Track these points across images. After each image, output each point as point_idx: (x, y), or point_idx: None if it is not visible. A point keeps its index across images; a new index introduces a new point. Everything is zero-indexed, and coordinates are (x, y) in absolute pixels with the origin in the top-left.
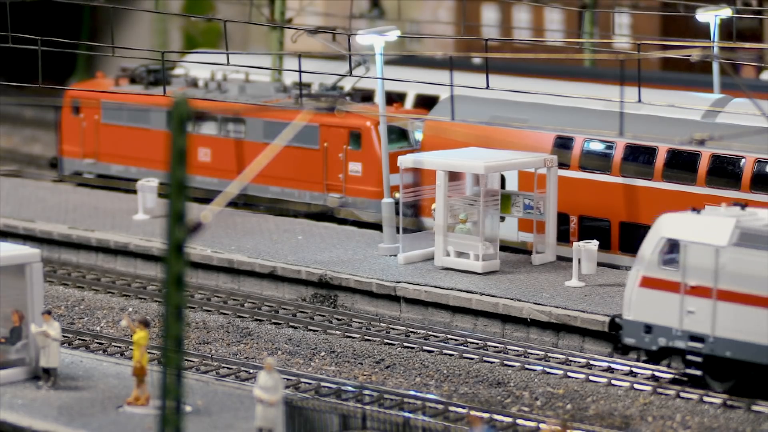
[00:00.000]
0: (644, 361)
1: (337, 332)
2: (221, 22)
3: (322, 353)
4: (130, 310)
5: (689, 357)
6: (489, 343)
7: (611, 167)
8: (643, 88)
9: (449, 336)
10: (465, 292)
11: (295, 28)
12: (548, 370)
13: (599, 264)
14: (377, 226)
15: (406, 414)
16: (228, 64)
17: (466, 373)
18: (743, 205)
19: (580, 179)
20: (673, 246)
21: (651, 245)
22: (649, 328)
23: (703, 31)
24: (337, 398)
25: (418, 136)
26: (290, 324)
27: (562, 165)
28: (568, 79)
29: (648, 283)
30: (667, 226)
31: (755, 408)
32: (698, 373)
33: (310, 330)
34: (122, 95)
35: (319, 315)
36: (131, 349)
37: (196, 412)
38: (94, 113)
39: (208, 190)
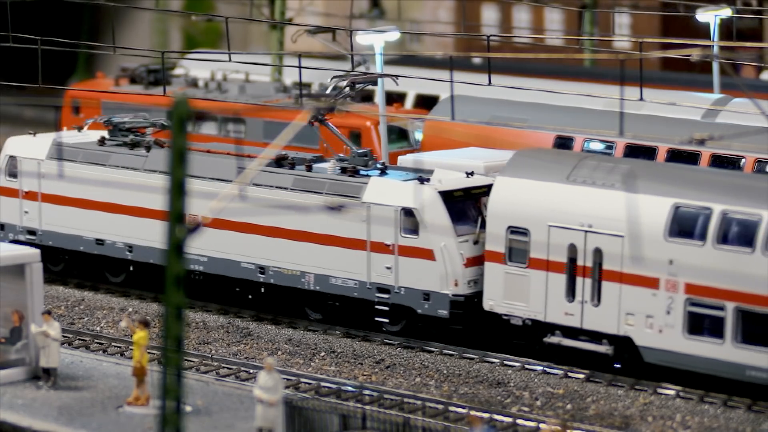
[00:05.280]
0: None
1: (337, 332)
2: (223, 20)
3: (322, 353)
4: (130, 310)
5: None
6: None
7: None
8: (643, 88)
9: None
10: None
11: (299, 26)
12: (548, 370)
13: None
14: None
15: (406, 414)
16: (230, 60)
17: (466, 373)
18: (80, 127)
19: None
20: (13, 161)
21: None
22: (2, 226)
23: (703, 31)
24: (337, 398)
25: (418, 136)
26: (290, 324)
27: None
28: (568, 79)
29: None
30: (10, 146)
31: (755, 408)
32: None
33: (310, 330)
34: (122, 95)
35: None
36: (131, 349)
37: (196, 412)
38: (94, 113)
39: None
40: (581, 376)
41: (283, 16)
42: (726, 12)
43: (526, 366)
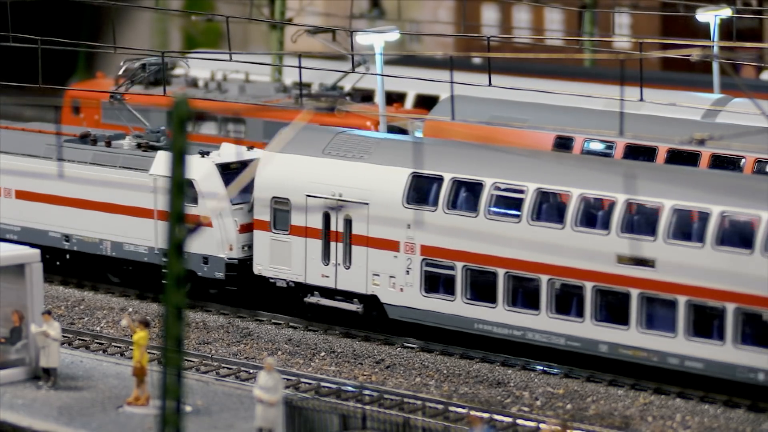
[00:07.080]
0: None
1: (337, 332)
2: (223, 20)
3: (322, 353)
4: (131, 310)
5: None
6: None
7: None
8: (643, 88)
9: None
10: None
11: (299, 26)
12: (548, 370)
13: None
14: None
15: (406, 414)
16: (230, 60)
17: (466, 373)
18: None
19: None
20: None
21: None
22: None
23: (703, 31)
24: (337, 398)
25: (418, 136)
26: (290, 324)
27: None
28: (568, 79)
29: None
30: None
31: (755, 408)
32: None
33: (310, 330)
34: (122, 95)
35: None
36: (131, 349)
37: (196, 412)
38: (94, 113)
39: None
40: (581, 376)
41: (283, 16)
42: (726, 12)
43: (526, 366)
